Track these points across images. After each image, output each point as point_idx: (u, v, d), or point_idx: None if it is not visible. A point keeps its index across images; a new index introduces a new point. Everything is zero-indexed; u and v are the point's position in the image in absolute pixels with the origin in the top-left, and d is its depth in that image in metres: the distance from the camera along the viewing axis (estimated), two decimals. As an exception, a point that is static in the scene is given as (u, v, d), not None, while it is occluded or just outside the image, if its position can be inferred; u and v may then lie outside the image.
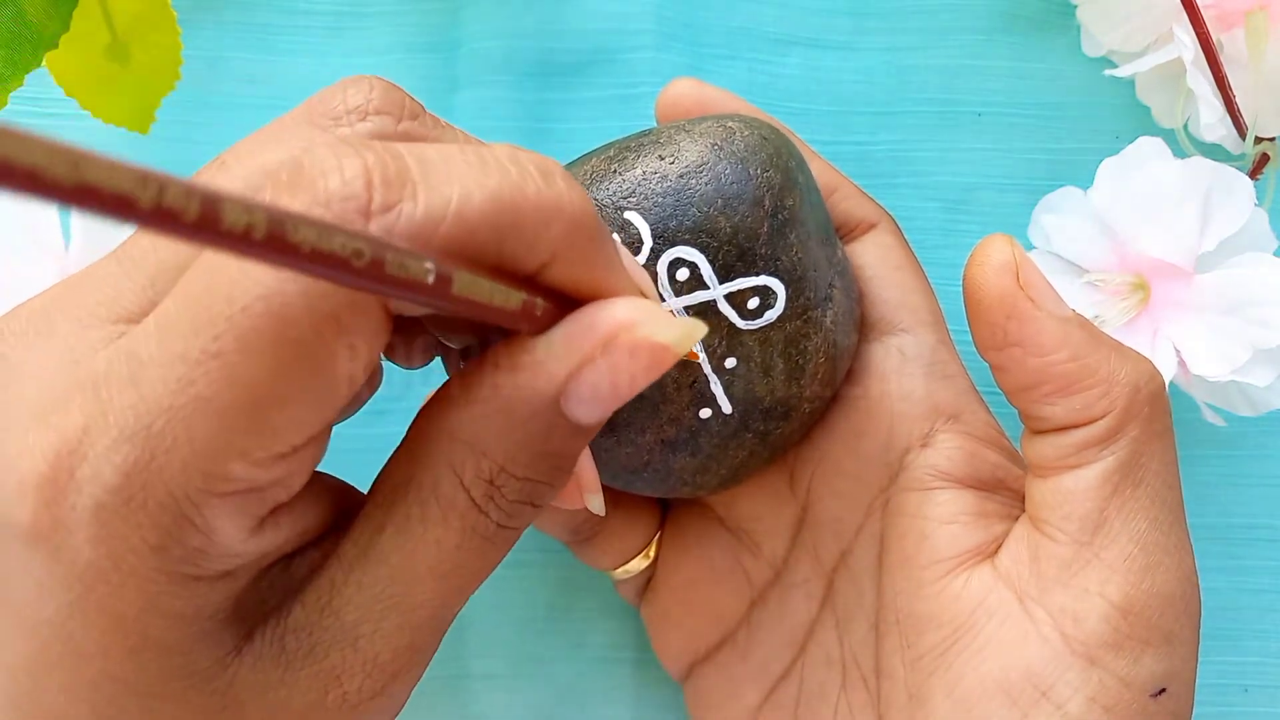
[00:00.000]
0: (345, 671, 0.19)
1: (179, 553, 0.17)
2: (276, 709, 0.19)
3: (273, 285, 0.16)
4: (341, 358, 0.17)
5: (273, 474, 0.17)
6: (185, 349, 0.16)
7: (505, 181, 0.17)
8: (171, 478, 0.16)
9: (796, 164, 0.25)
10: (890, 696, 0.25)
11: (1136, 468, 0.23)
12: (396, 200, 0.16)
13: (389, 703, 0.20)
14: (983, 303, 0.24)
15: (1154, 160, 0.28)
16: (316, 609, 0.19)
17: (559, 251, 0.18)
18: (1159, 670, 0.23)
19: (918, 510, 0.25)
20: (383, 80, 0.19)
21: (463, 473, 0.19)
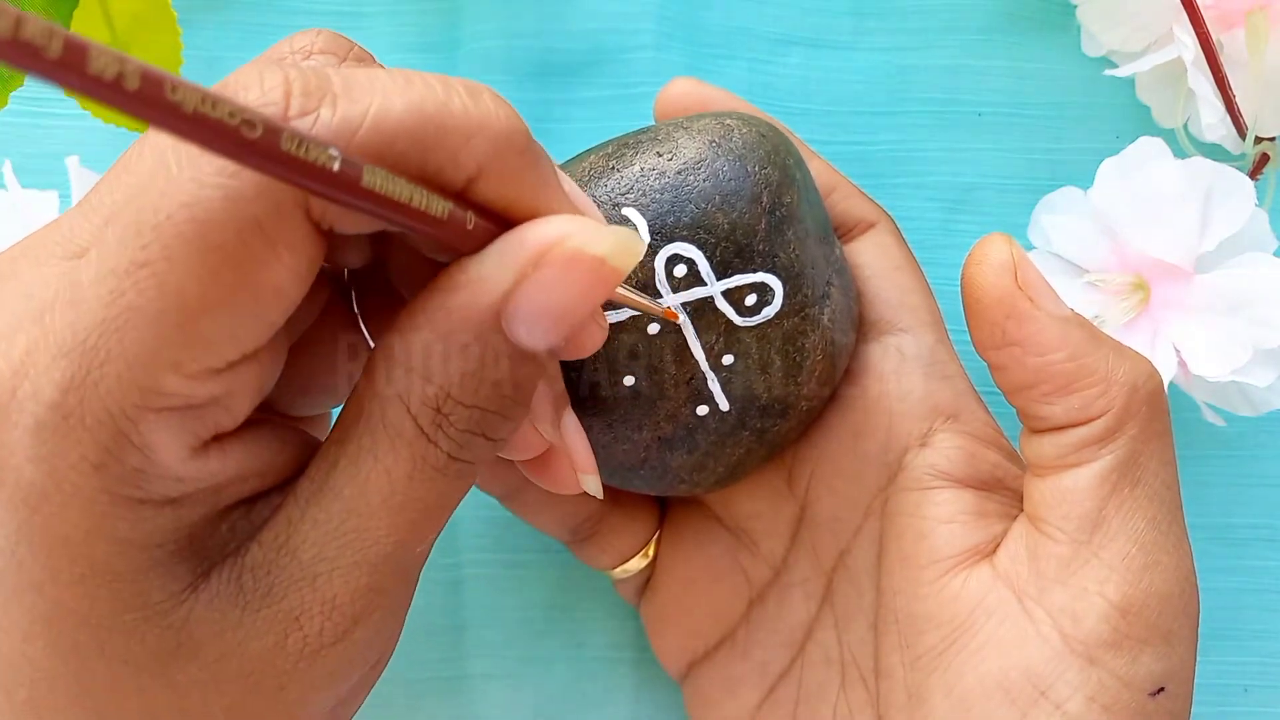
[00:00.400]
0: (304, 613, 0.19)
1: (118, 471, 0.17)
2: (235, 651, 0.18)
3: (196, 193, 0.16)
4: (268, 265, 0.17)
5: (208, 389, 0.17)
6: (115, 263, 0.16)
7: (428, 95, 0.17)
8: (108, 392, 0.17)
9: (794, 162, 0.25)
10: (889, 696, 0.25)
11: (1135, 467, 0.23)
12: (314, 108, 0.17)
13: (351, 651, 0.19)
14: (981, 302, 0.24)
15: (1154, 160, 0.28)
16: (274, 548, 0.19)
17: (486, 166, 0.18)
18: (1157, 669, 0.23)
19: (916, 510, 0.25)
20: (332, 30, 0.20)
21: (409, 400, 0.18)
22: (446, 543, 0.32)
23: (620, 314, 0.24)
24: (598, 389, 0.24)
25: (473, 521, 0.32)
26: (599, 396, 0.25)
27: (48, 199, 0.28)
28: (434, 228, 0.18)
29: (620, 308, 0.24)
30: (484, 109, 0.18)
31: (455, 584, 0.32)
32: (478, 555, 0.32)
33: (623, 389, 0.24)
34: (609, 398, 0.25)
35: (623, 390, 0.24)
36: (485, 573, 0.32)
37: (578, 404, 0.24)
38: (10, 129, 0.32)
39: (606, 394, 0.25)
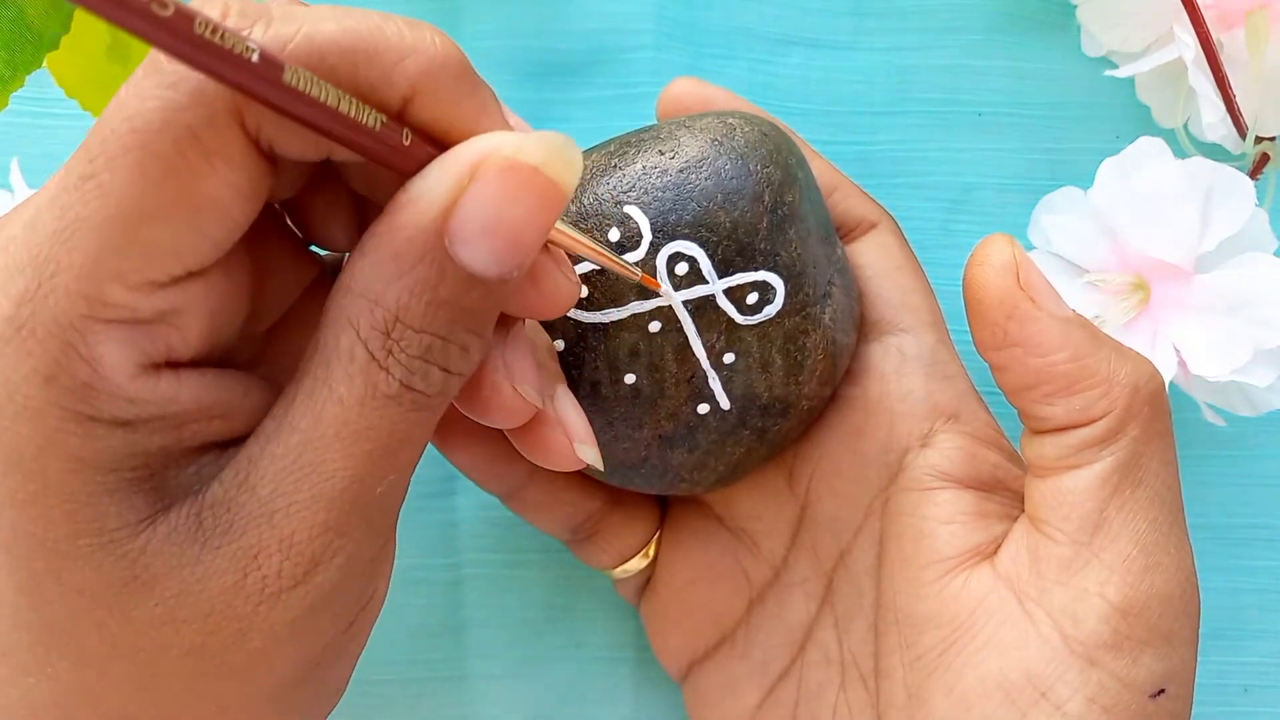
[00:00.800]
0: (262, 550, 0.18)
1: (68, 383, 0.17)
2: (193, 589, 0.18)
3: (138, 106, 0.17)
4: (204, 176, 0.17)
5: (153, 303, 0.18)
6: (66, 179, 0.17)
7: (364, 20, 0.18)
8: (57, 303, 0.17)
9: (796, 161, 0.25)
10: (889, 696, 0.25)
11: (1136, 468, 0.23)
12: (248, 26, 0.17)
13: (313, 596, 0.19)
14: (983, 303, 0.24)
15: (1154, 160, 0.28)
16: (234, 485, 0.19)
17: (420, 86, 0.18)
18: (1158, 671, 0.23)
19: (917, 510, 0.25)
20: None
21: (358, 325, 0.18)
22: (446, 543, 0.32)
23: (622, 312, 0.24)
24: (598, 387, 0.25)
25: (473, 521, 0.32)
26: (599, 394, 0.25)
27: (48, 200, 0.28)
28: (367, 141, 0.18)
29: (622, 304, 0.24)
30: (419, 35, 0.18)
31: (455, 584, 0.32)
32: (478, 555, 0.32)
33: (623, 387, 0.25)
34: (609, 396, 0.25)
35: (623, 388, 0.25)
36: (485, 573, 0.32)
37: (579, 402, 0.24)
38: (11, 129, 0.32)
39: (607, 392, 0.25)
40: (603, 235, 0.24)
